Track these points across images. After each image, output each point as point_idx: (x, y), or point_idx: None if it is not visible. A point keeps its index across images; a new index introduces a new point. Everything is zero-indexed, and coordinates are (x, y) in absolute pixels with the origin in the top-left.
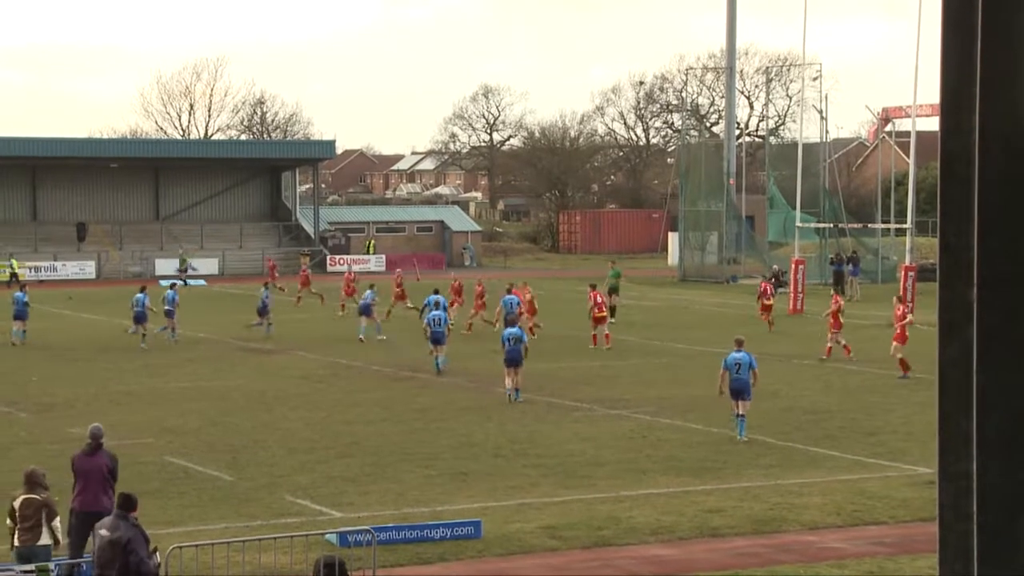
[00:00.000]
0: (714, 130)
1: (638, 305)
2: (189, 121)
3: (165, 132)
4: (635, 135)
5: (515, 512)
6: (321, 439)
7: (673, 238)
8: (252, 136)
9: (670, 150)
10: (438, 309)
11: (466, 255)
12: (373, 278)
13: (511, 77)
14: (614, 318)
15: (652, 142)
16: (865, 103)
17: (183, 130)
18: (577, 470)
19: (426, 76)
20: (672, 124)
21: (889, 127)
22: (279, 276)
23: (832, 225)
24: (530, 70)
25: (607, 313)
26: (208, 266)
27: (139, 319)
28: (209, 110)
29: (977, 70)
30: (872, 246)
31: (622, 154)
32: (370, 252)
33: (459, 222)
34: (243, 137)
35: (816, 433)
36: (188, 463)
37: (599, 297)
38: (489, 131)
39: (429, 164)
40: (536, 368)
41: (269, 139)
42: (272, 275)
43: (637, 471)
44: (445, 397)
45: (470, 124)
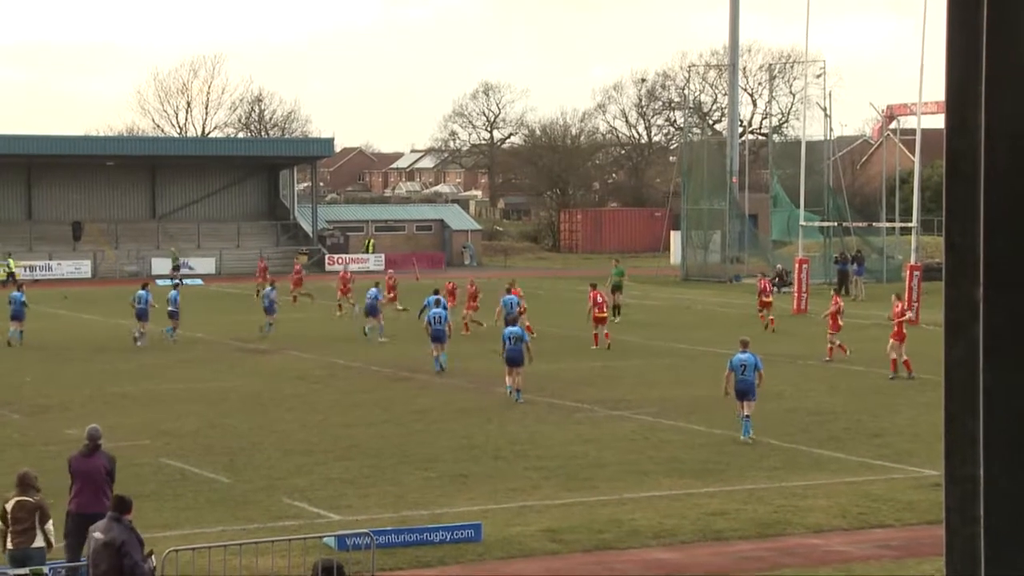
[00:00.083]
0: (717, 128)
1: (640, 305)
2: (186, 119)
3: (162, 130)
4: (637, 133)
5: (516, 515)
6: (319, 441)
7: (675, 237)
8: (250, 134)
9: (672, 148)
10: (438, 307)
11: (466, 254)
12: (373, 278)
13: (512, 74)
14: (619, 316)
15: (654, 140)
16: (869, 100)
17: (180, 128)
18: (578, 472)
19: (426, 73)
20: (674, 122)
21: (894, 125)
22: (271, 276)
23: (836, 224)
24: (531, 67)
25: (608, 313)
26: (205, 265)
27: (140, 316)
28: (206, 108)
29: (983, 67)
30: (877, 245)
31: (624, 152)
32: (369, 251)
33: (459, 221)
34: (241, 135)
35: (821, 435)
36: (185, 465)
37: (599, 297)
38: (489, 129)
39: (429, 162)
40: (537, 369)
41: (267, 137)
42: (263, 276)
43: (639, 473)
44: (445, 398)
45: (470, 122)
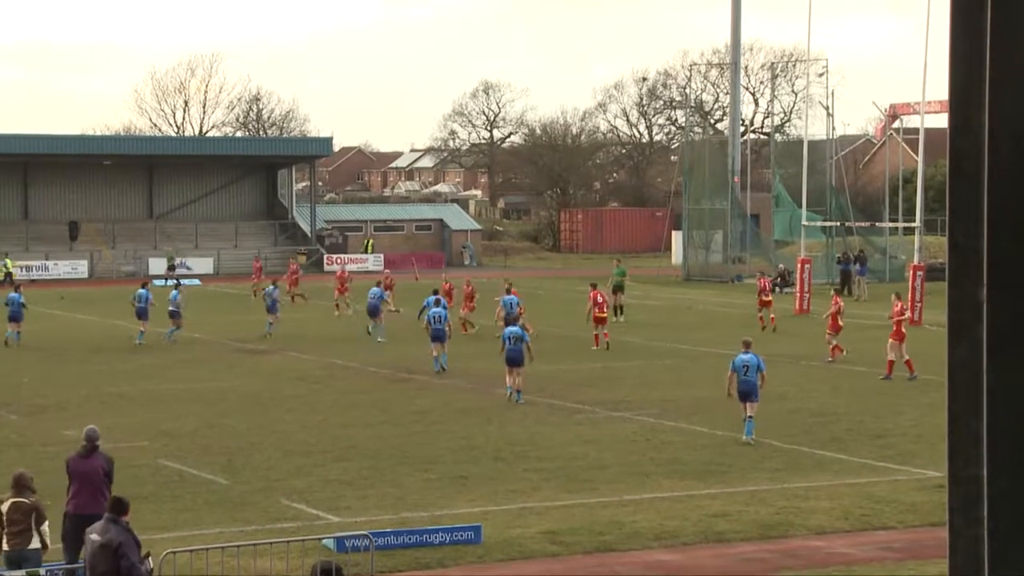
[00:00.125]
0: (718, 127)
1: (641, 305)
2: (184, 118)
3: (159, 129)
4: (638, 132)
5: (516, 517)
6: (318, 442)
7: (677, 237)
8: (248, 133)
9: (674, 147)
10: (438, 307)
11: (466, 254)
12: (372, 278)
13: (512, 73)
14: (623, 316)
15: (655, 139)
16: (872, 99)
17: (177, 127)
18: (579, 474)
19: (425, 72)
20: (676, 121)
21: (897, 124)
22: (265, 277)
23: (839, 224)
24: (531, 66)
25: (608, 313)
26: (203, 265)
27: (140, 315)
28: (204, 107)
29: (986, 66)
30: (880, 245)
31: (625, 151)
32: (368, 251)
33: (459, 221)
34: (239, 134)
35: (823, 436)
36: (183, 466)
37: (599, 297)
38: (489, 128)
39: (428, 162)
40: (537, 369)
41: (265, 136)
42: (257, 276)
43: (640, 475)
44: (444, 399)
45: (470, 121)
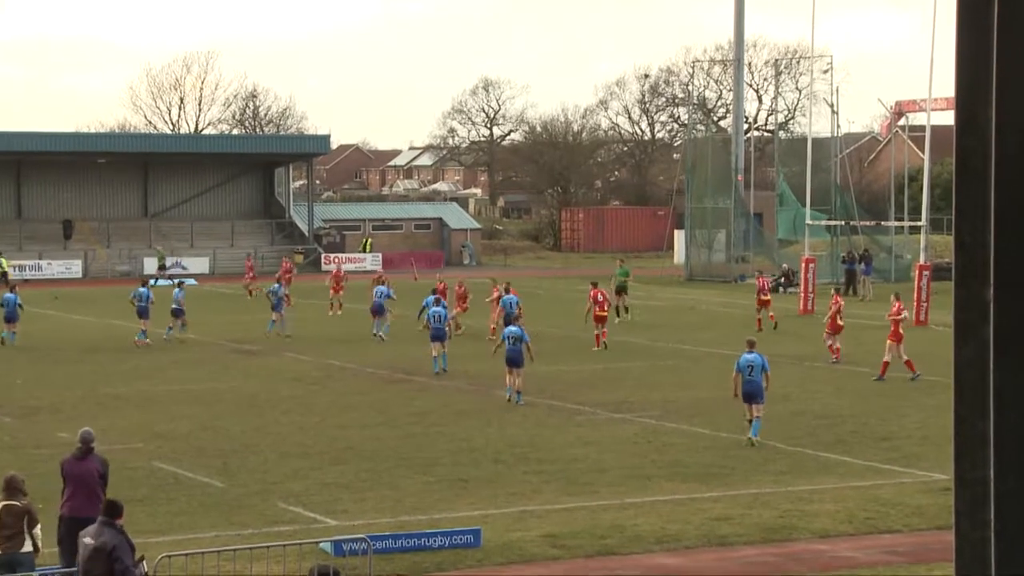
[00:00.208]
0: (721, 124)
1: (643, 305)
2: (179, 115)
3: (154, 126)
4: (640, 130)
5: (516, 520)
6: (315, 444)
7: (679, 236)
8: (244, 131)
9: (676, 145)
10: (438, 307)
11: (465, 253)
12: (369, 278)
13: (512, 70)
14: (629, 315)
15: (657, 137)
16: (878, 96)
17: (173, 124)
18: (580, 476)
19: (424, 69)
20: (678, 118)
21: (903, 121)
22: (257, 276)
23: (844, 222)
24: (531, 63)
25: (608, 312)
26: (199, 265)
27: (141, 314)
28: (200, 104)
29: (993, 62)
30: (885, 244)
31: (626, 149)
32: (366, 250)
33: (458, 219)
34: (235, 132)
35: (828, 438)
36: (178, 469)
37: (600, 295)
38: (489, 125)
39: (427, 160)
40: (537, 370)
41: (262, 134)
42: (250, 275)
43: (642, 477)
44: (443, 400)
45: (469, 118)
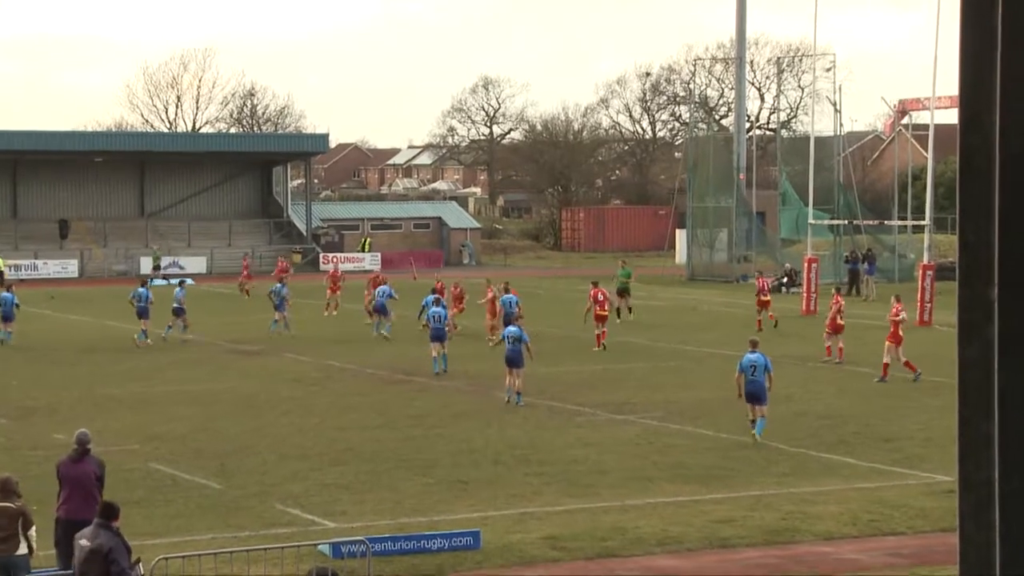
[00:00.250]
0: (723, 123)
1: (645, 305)
2: (176, 114)
3: (151, 125)
4: (641, 128)
5: (516, 522)
6: (314, 445)
7: (681, 235)
8: (242, 129)
9: (677, 144)
10: (437, 307)
11: (465, 253)
12: (366, 278)
13: (512, 68)
14: (631, 316)
15: (659, 135)
16: (881, 95)
17: (170, 123)
18: (580, 478)
19: (423, 67)
20: (680, 117)
21: (906, 120)
22: (254, 276)
23: (847, 222)
24: (531, 61)
25: (609, 312)
26: (196, 265)
27: (141, 314)
28: (197, 102)
29: (997, 60)
30: (889, 243)
31: (627, 148)
32: (365, 250)
33: (457, 219)
34: (232, 130)
35: (831, 439)
36: (175, 470)
37: (600, 295)
38: (489, 124)
39: (426, 158)
40: (537, 371)
41: (260, 132)
42: (245, 275)
43: (643, 479)
44: (443, 401)
45: (469, 117)
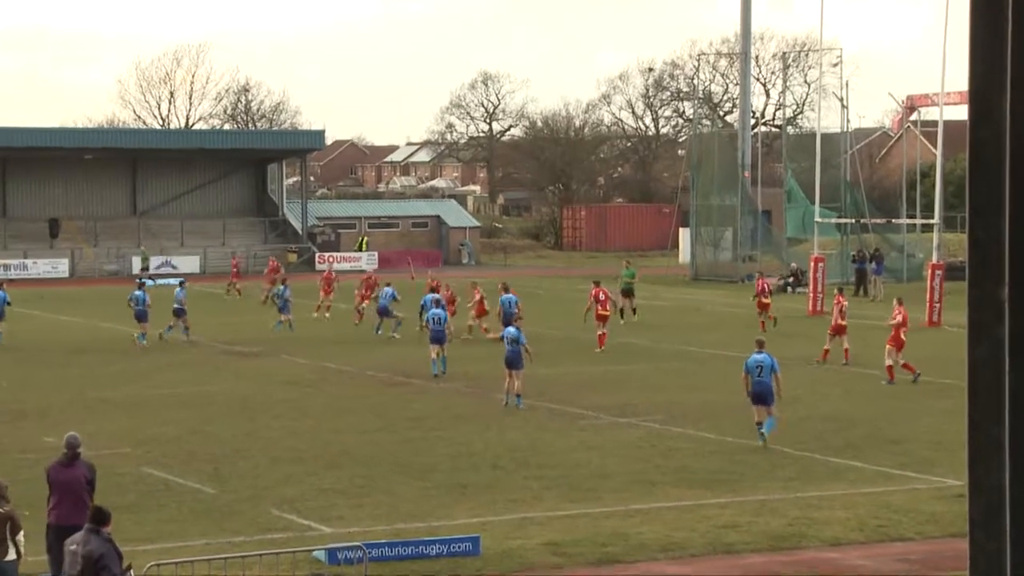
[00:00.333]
0: (728, 119)
1: (648, 305)
2: (169, 110)
3: (144, 121)
4: (644, 125)
5: (516, 527)
6: (309, 449)
7: (684, 234)
8: (236, 126)
9: (681, 141)
10: (437, 308)
11: (464, 252)
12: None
13: (512, 64)
14: (635, 317)
15: (662, 132)
16: (889, 90)
17: (163, 119)
18: (582, 482)
19: (421, 62)
20: (683, 113)
21: (914, 116)
22: (242, 276)
23: (854, 220)
24: (532, 56)
25: (611, 311)
26: (189, 264)
27: (140, 317)
28: (190, 98)
29: (1007, 55)
30: (897, 242)
31: (630, 145)
32: (362, 249)
33: (456, 217)
34: (226, 127)
35: (837, 442)
36: (167, 475)
37: (601, 295)
38: (488, 121)
39: (424, 156)
40: (538, 373)
41: (254, 129)
42: (235, 275)
43: (646, 483)
44: (442, 403)
45: (468, 113)
